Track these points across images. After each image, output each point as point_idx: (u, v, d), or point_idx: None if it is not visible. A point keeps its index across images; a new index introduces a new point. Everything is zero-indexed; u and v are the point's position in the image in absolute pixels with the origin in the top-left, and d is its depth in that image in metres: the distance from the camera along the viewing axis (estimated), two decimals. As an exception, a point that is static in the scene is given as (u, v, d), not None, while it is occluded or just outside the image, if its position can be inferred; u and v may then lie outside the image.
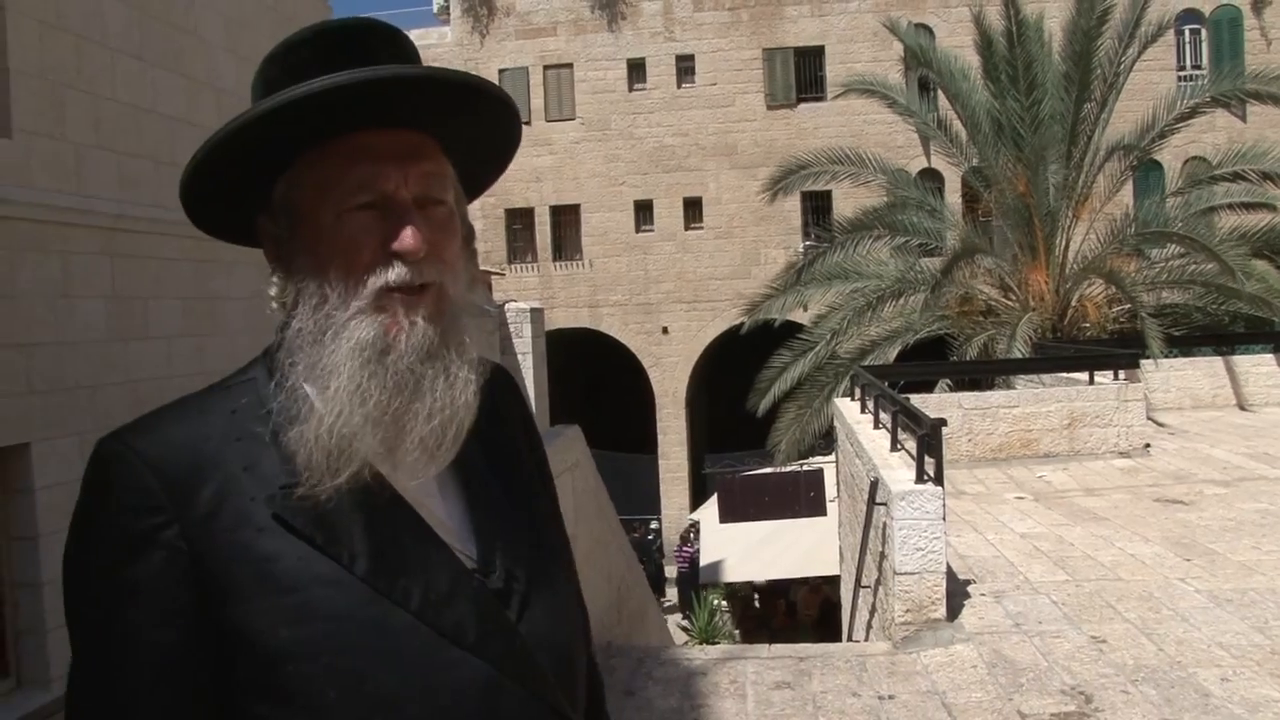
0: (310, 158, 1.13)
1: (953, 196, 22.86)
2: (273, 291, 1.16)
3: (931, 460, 6.13)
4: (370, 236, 1.11)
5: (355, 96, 1.08)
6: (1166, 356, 13.69)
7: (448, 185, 1.18)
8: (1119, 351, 12.23)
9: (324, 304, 1.10)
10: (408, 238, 1.10)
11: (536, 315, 19.29)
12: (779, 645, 6.54)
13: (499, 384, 1.28)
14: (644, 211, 28.35)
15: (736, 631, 19.32)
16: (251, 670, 1.06)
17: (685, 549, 21.71)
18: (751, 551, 17.44)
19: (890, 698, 5.09)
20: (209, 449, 1.09)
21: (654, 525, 25.42)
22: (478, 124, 1.20)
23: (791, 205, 26.09)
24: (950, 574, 6.24)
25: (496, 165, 1.30)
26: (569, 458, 7.78)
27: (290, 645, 1.05)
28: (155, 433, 1.11)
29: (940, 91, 18.32)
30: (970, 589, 6.49)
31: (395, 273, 1.10)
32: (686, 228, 28.19)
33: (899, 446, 7.35)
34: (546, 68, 28.50)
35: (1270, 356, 14.50)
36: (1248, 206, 16.69)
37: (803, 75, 27.67)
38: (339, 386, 1.08)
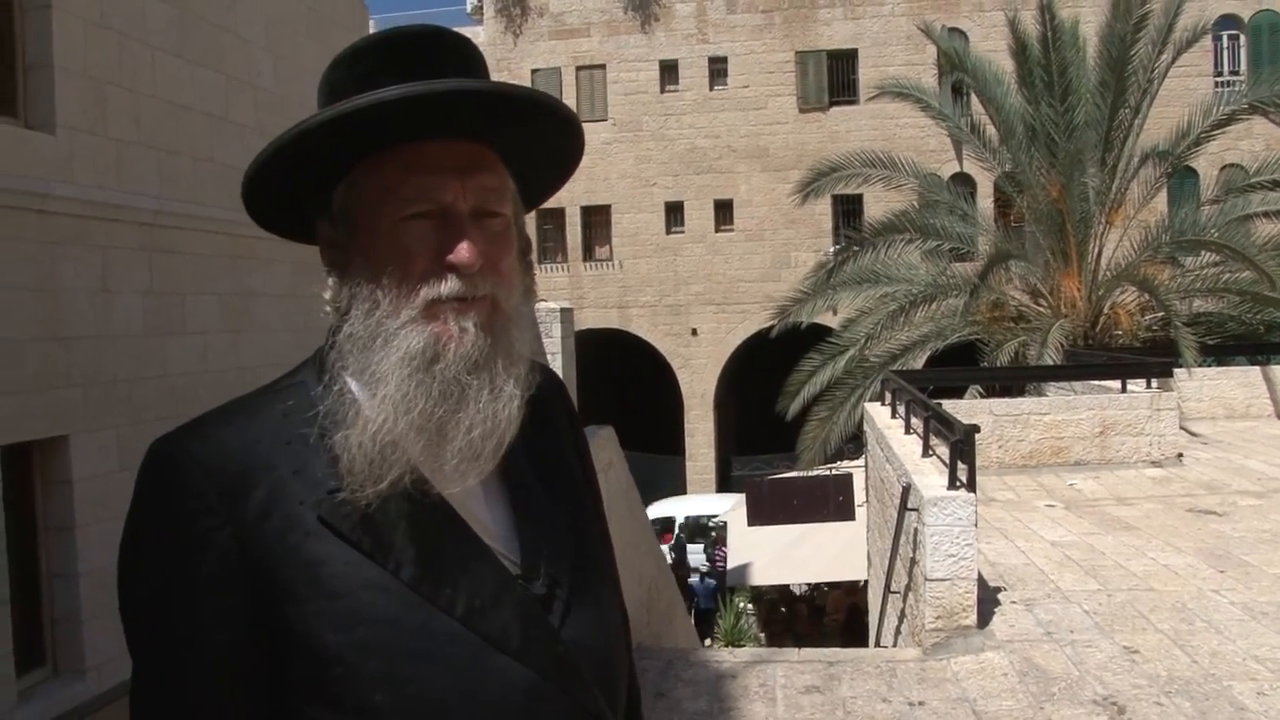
0: (371, 164, 1.14)
1: (985, 201, 22.76)
2: (326, 295, 1.17)
3: (964, 466, 6.11)
4: (426, 246, 1.11)
5: (419, 107, 1.09)
6: (1200, 365, 13.56)
7: (506, 198, 1.18)
8: (1151, 360, 12.14)
9: (376, 310, 1.11)
10: (463, 251, 1.11)
11: (566, 315, 19.30)
12: (808, 649, 6.54)
13: (547, 387, 1.28)
14: (674, 213, 28.37)
15: (761, 635, 19.28)
16: (302, 672, 1.08)
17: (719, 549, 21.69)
18: (779, 555, 17.39)
19: (920, 704, 5.09)
20: (260, 452, 1.11)
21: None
22: (540, 138, 1.21)
23: (822, 208, 26.04)
24: (981, 581, 6.22)
25: (557, 178, 1.31)
26: (602, 458, 7.81)
27: (338, 649, 1.06)
28: (208, 436, 1.12)
29: (973, 96, 18.23)
30: (1001, 596, 6.47)
31: (449, 285, 1.11)
32: (717, 229, 28.19)
33: (930, 452, 7.33)
34: (579, 68, 28.57)
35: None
36: (1286, 215, 16.51)
37: (835, 78, 27.62)
38: (386, 394, 1.09)
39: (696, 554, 21.83)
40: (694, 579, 21.06)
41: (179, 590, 1.07)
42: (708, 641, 17.54)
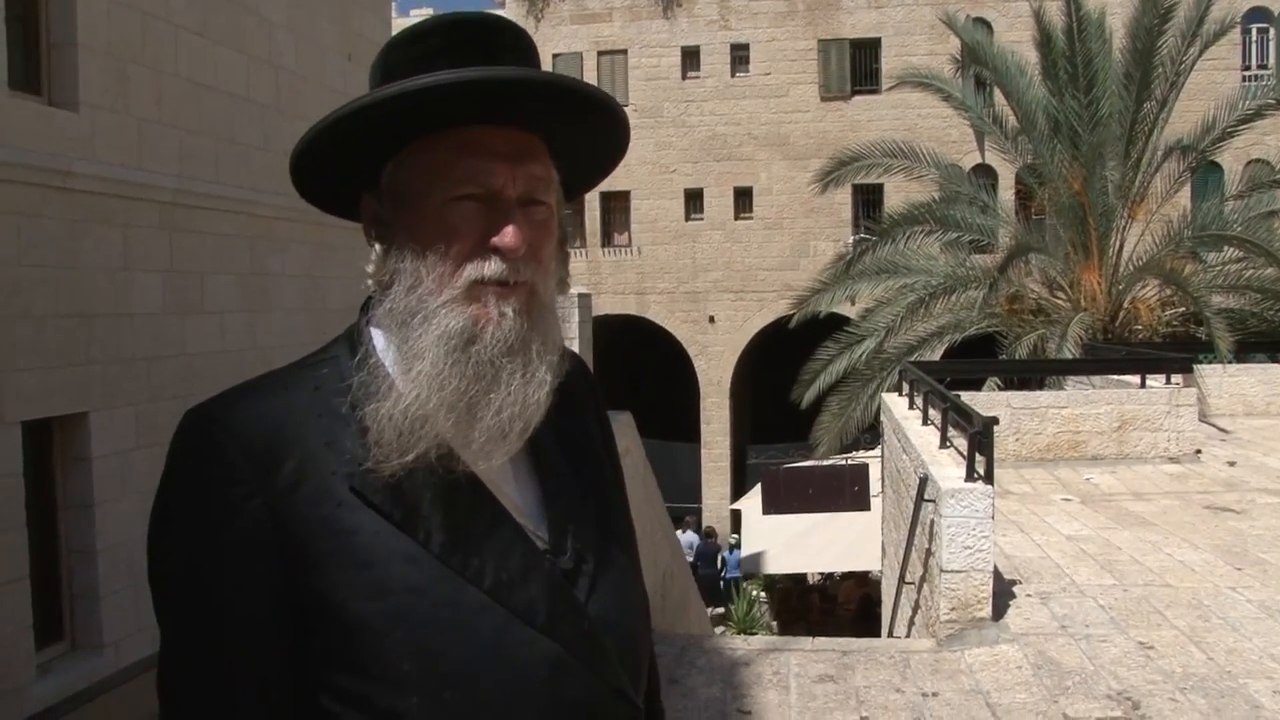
0: (423, 144, 1.15)
1: (1006, 193, 22.65)
2: (370, 269, 1.18)
3: (982, 459, 6.09)
4: (473, 227, 1.13)
5: (478, 92, 1.11)
6: (1230, 361, 13.47)
7: (551, 188, 1.20)
8: (1172, 355, 12.06)
9: (419, 287, 1.12)
10: (509, 234, 1.12)
11: (584, 301, 19.28)
12: (821, 639, 6.53)
13: (573, 370, 1.29)
14: (694, 200, 28.30)
15: (774, 624, 19.31)
16: (330, 641, 1.08)
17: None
18: (793, 544, 17.41)
19: (934, 695, 5.08)
20: (292, 424, 1.12)
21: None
22: (587, 133, 1.23)
23: (842, 198, 25.95)
24: (996, 574, 6.21)
25: (598, 173, 1.33)
26: (620, 445, 7.79)
27: (367, 618, 1.07)
28: (240, 407, 1.13)
29: (996, 86, 18.13)
30: (1016, 589, 6.45)
31: (492, 267, 1.12)
32: (736, 217, 28.11)
33: (948, 444, 7.30)
34: (600, 53, 28.51)
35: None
36: (1311, 212, 16.38)
37: (858, 67, 27.47)
38: (421, 370, 1.10)
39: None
40: (725, 551, 21.97)
41: (209, 557, 1.08)
42: (720, 629, 17.56)
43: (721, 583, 21.06)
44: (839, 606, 18.71)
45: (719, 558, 21.78)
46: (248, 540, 1.08)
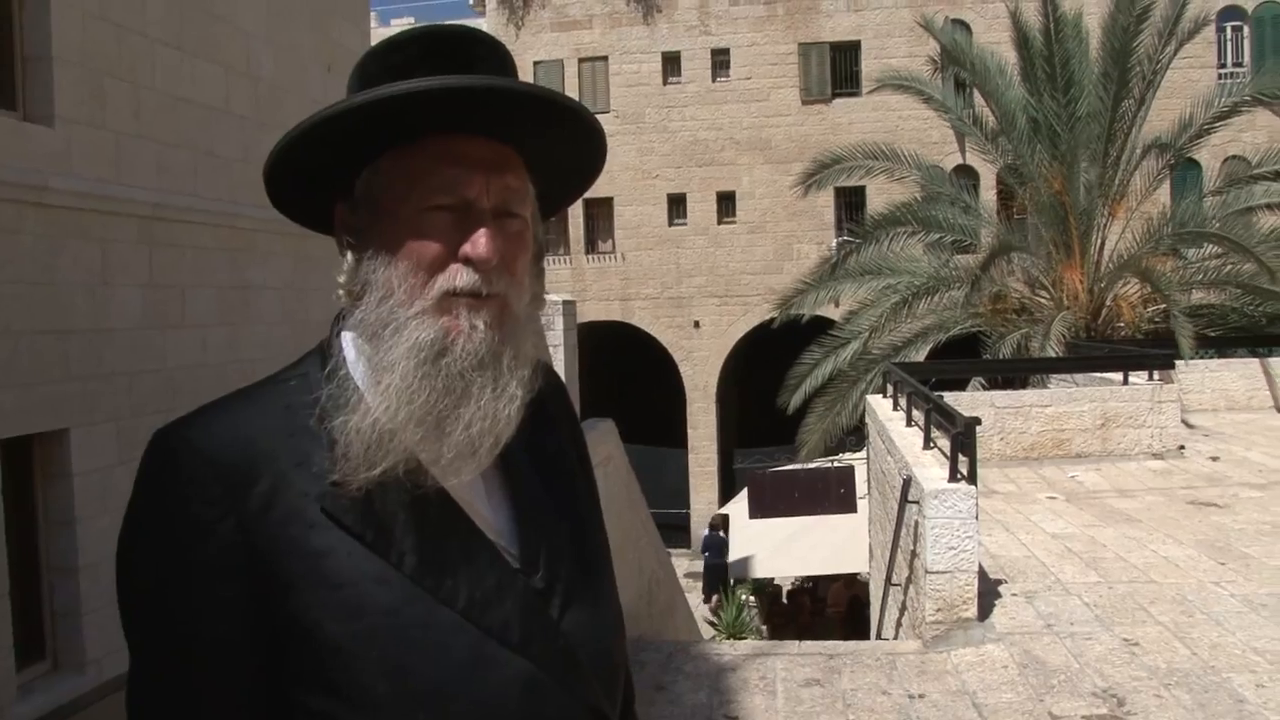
0: (398, 153, 1.14)
1: (987, 194, 22.73)
2: (341, 279, 1.17)
3: (965, 459, 6.10)
4: (445, 237, 1.12)
5: (454, 100, 1.10)
6: (1201, 358, 13.55)
7: (526, 201, 1.18)
8: (1153, 352, 12.12)
9: (389, 298, 1.11)
10: (482, 245, 1.11)
11: (568, 308, 19.28)
12: (808, 642, 6.53)
13: (549, 389, 1.29)
14: (677, 205, 28.33)
15: (764, 627, 19.31)
16: (304, 663, 1.07)
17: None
18: (780, 547, 17.41)
19: (920, 696, 5.08)
20: (262, 443, 1.10)
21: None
22: (563, 144, 1.21)
23: (825, 200, 26.01)
24: (981, 573, 6.21)
25: (575, 189, 1.32)
26: (602, 451, 7.80)
27: (340, 639, 1.06)
28: (211, 426, 1.11)
29: (975, 88, 18.20)
30: (1001, 589, 6.46)
31: (464, 278, 1.11)
32: (719, 222, 28.14)
33: (932, 444, 7.32)
34: (581, 60, 28.53)
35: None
36: (1288, 207, 16.49)
37: (838, 70, 27.55)
38: (390, 383, 1.09)
39: None
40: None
41: (178, 578, 1.07)
42: (710, 635, 17.54)
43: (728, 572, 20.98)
44: (828, 609, 18.72)
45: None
46: (218, 561, 1.07)
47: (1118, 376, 11.44)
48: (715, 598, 19.34)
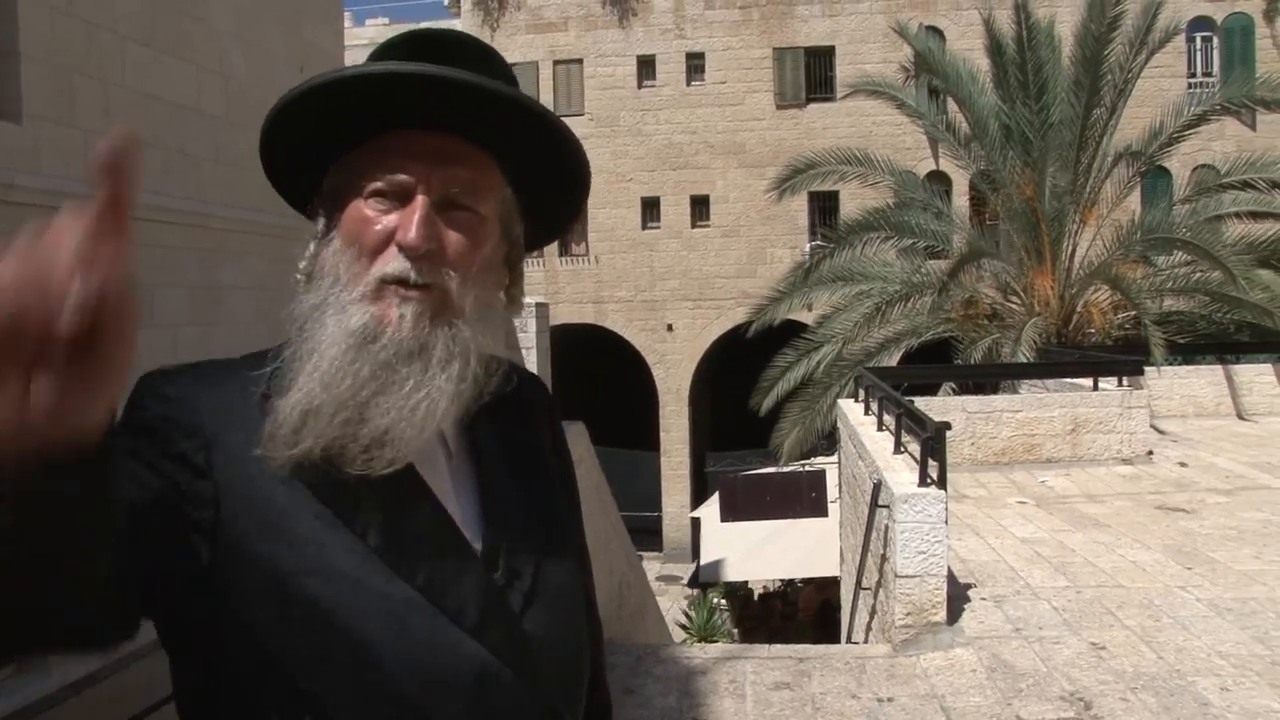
0: (361, 149, 1.16)
1: (960, 200, 22.86)
2: (300, 264, 1.19)
3: (935, 464, 6.13)
4: (380, 224, 1.12)
5: (407, 92, 1.11)
6: (1170, 364, 13.68)
7: (482, 196, 1.17)
8: (1123, 358, 12.23)
9: (336, 284, 1.12)
10: (410, 230, 1.10)
11: (541, 311, 19.24)
12: (778, 645, 6.54)
13: (530, 389, 1.30)
14: (651, 208, 28.35)
15: (735, 631, 19.33)
16: (258, 617, 1.06)
17: None
18: (752, 551, 17.43)
19: (889, 700, 5.09)
20: (240, 401, 1.11)
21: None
22: (540, 153, 1.20)
23: (798, 205, 26.07)
24: (951, 578, 6.24)
25: (569, 203, 1.30)
26: (573, 454, 7.77)
27: (299, 603, 1.05)
28: (196, 375, 1.14)
29: (948, 94, 18.31)
30: (971, 593, 6.49)
31: (395, 264, 1.11)
32: (693, 225, 28.18)
33: (902, 449, 7.34)
34: (556, 63, 28.50)
35: (1272, 367, 14.49)
36: (1255, 215, 16.67)
37: (812, 75, 27.65)
38: (317, 365, 1.09)
39: None
40: None
41: (123, 436, 1.05)
42: (681, 638, 17.55)
43: None
44: (799, 612, 18.76)
45: None
46: (178, 470, 1.05)
47: (1088, 382, 11.52)
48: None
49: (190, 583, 1.05)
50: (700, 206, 28.18)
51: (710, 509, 19.95)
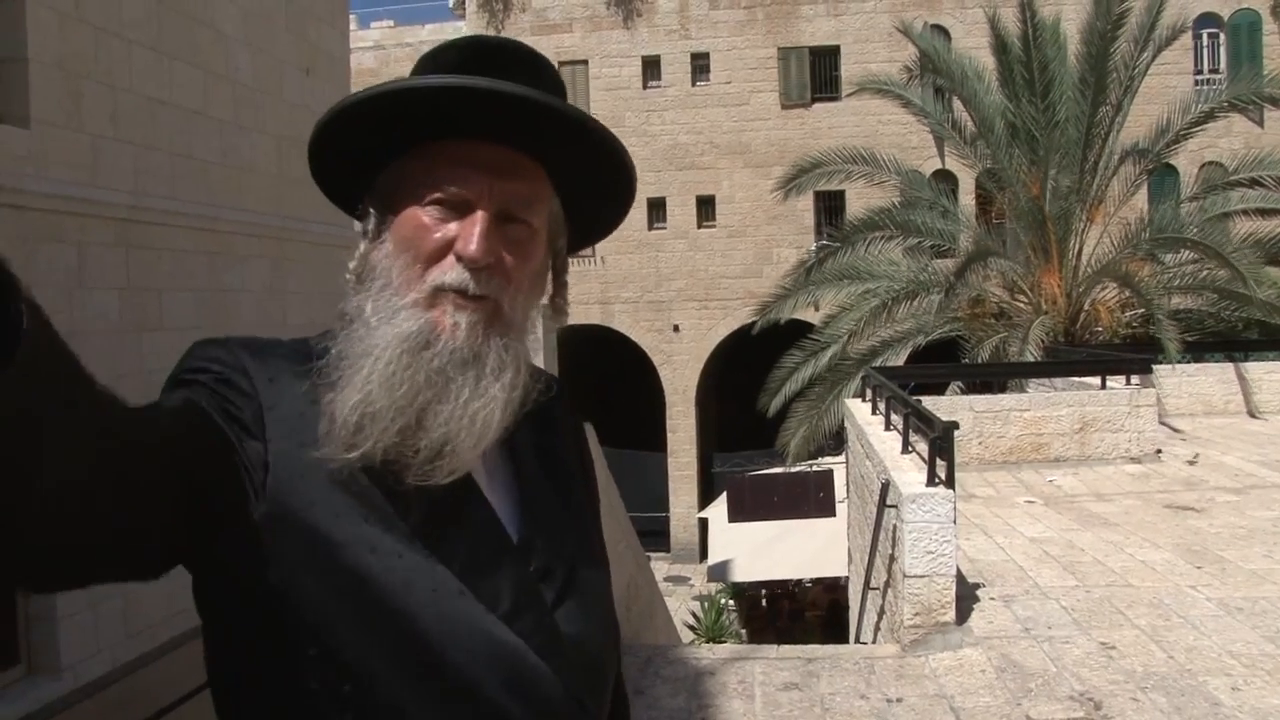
0: (417, 153, 1.17)
1: (966, 198, 22.80)
2: (351, 264, 1.19)
3: (943, 463, 6.12)
4: (439, 233, 1.14)
5: (466, 102, 1.12)
6: (1179, 362, 13.64)
7: (538, 210, 1.20)
8: (1131, 356, 12.19)
9: (387, 287, 1.13)
10: (472, 242, 1.12)
11: (547, 311, 19.30)
12: (787, 646, 6.53)
13: (556, 394, 1.32)
14: (657, 209, 28.32)
15: (743, 631, 19.32)
16: (304, 585, 1.07)
17: None
18: (760, 551, 17.42)
19: (898, 701, 5.09)
20: (290, 379, 1.13)
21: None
22: (590, 168, 1.23)
23: (804, 205, 26.04)
24: (960, 577, 6.23)
25: (612, 212, 1.33)
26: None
27: (342, 572, 1.07)
28: (249, 344, 1.15)
29: (953, 93, 18.28)
30: (979, 593, 6.48)
31: (454, 274, 1.12)
32: (699, 226, 28.16)
33: (910, 449, 7.33)
34: (561, 64, 28.45)
35: (1282, 364, 14.45)
36: (1263, 213, 16.60)
37: (818, 75, 27.62)
38: (373, 369, 1.10)
39: None
40: None
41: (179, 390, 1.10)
42: (689, 639, 17.55)
43: None
44: (808, 613, 18.75)
45: None
46: (238, 415, 1.08)
47: (1096, 381, 11.50)
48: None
49: (240, 534, 1.07)
50: (706, 207, 28.16)
51: (718, 509, 19.94)
